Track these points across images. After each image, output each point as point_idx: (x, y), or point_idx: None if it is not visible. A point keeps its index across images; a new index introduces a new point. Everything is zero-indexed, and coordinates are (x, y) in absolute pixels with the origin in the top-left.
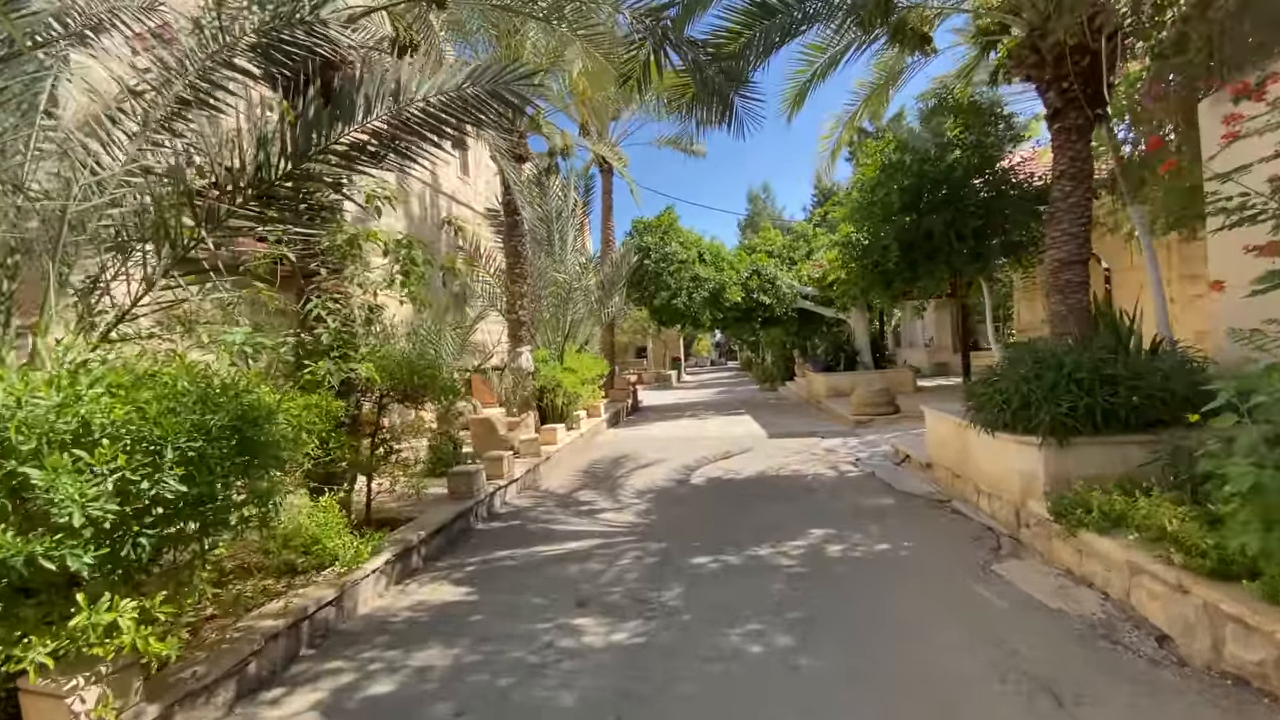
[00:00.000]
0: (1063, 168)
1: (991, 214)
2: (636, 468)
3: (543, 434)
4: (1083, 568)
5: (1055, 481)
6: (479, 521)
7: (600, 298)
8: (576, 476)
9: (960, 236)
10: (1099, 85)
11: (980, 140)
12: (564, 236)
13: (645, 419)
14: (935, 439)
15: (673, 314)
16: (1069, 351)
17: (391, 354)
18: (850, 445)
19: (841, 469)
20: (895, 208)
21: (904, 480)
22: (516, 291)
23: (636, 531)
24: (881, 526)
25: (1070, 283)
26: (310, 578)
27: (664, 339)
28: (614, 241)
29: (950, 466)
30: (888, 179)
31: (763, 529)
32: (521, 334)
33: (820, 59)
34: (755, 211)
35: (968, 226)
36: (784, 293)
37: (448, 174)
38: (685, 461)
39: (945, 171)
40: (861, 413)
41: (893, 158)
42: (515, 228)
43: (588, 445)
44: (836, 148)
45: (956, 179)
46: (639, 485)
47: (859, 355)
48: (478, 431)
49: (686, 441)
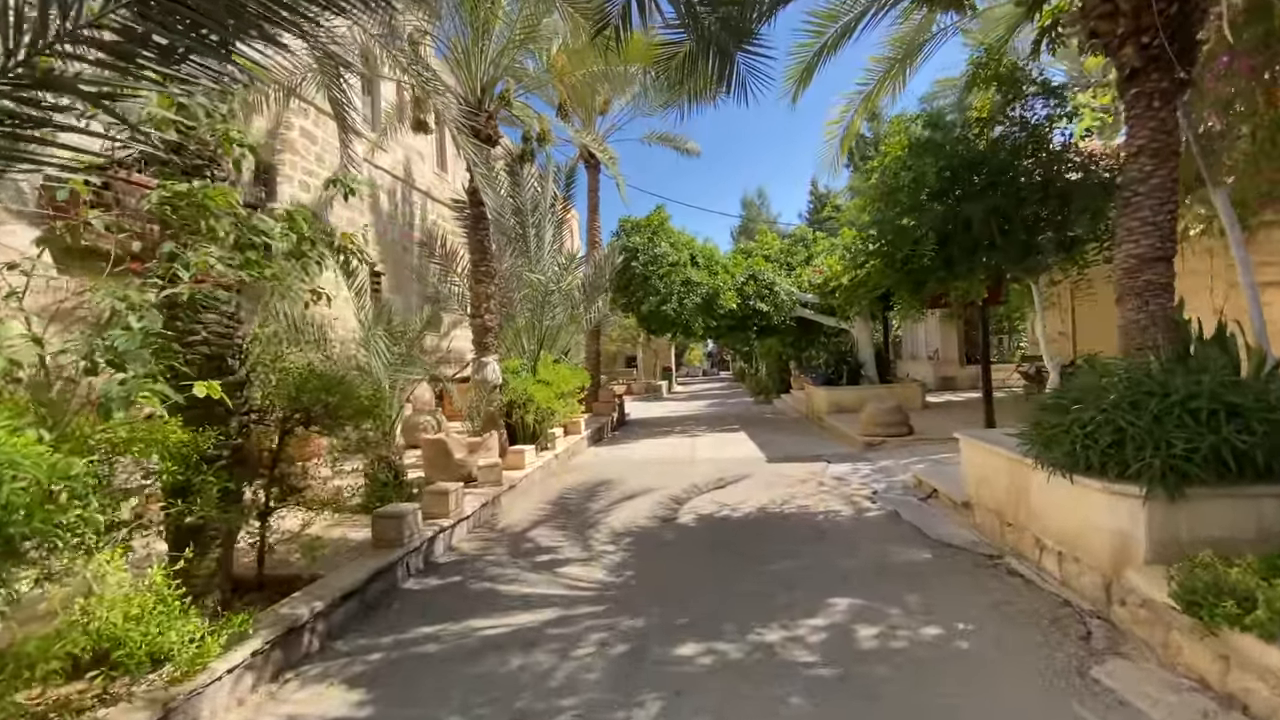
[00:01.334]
0: (1141, 142)
1: (1046, 201)
2: (616, 500)
3: (509, 456)
4: (1231, 682)
5: (1161, 546)
6: (410, 577)
7: (581, 302)
8: (543, 510)
9: (1005, 228)
10: (1189, 39)
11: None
12: (541, 234)
13: (631, 435)
14: (976, 474)
15: (662, 321)
16: (1170, 372)
17: (293, 366)
18: (862, 473)
19: (858, 505)
20: (932, 187)
21: (936, 523)
22: (482, 292)
23: (607, 597)
24: (923, 595)
25: (1152, 285)
26: (133, 683)
27: (654, 348)
28: (600, 243)
29: (998, 510)
30: (917, 157)
31: (769, 595)
32: (487, 341)
33: (831, 28)
34: (750, 217)
35: (1017, 215)
36: (782, 300)
37: (423, 169)
38: (672, 491)
39: (986, 151)
40: (871, 433)
41: (922, 135)
42: (481, 219)
43: (563, 468)
44: (847, 135)
45: (1000, 160)
46: (616, 524)
47: (863, 368)
48: (430, 455)
49: (675, 465)
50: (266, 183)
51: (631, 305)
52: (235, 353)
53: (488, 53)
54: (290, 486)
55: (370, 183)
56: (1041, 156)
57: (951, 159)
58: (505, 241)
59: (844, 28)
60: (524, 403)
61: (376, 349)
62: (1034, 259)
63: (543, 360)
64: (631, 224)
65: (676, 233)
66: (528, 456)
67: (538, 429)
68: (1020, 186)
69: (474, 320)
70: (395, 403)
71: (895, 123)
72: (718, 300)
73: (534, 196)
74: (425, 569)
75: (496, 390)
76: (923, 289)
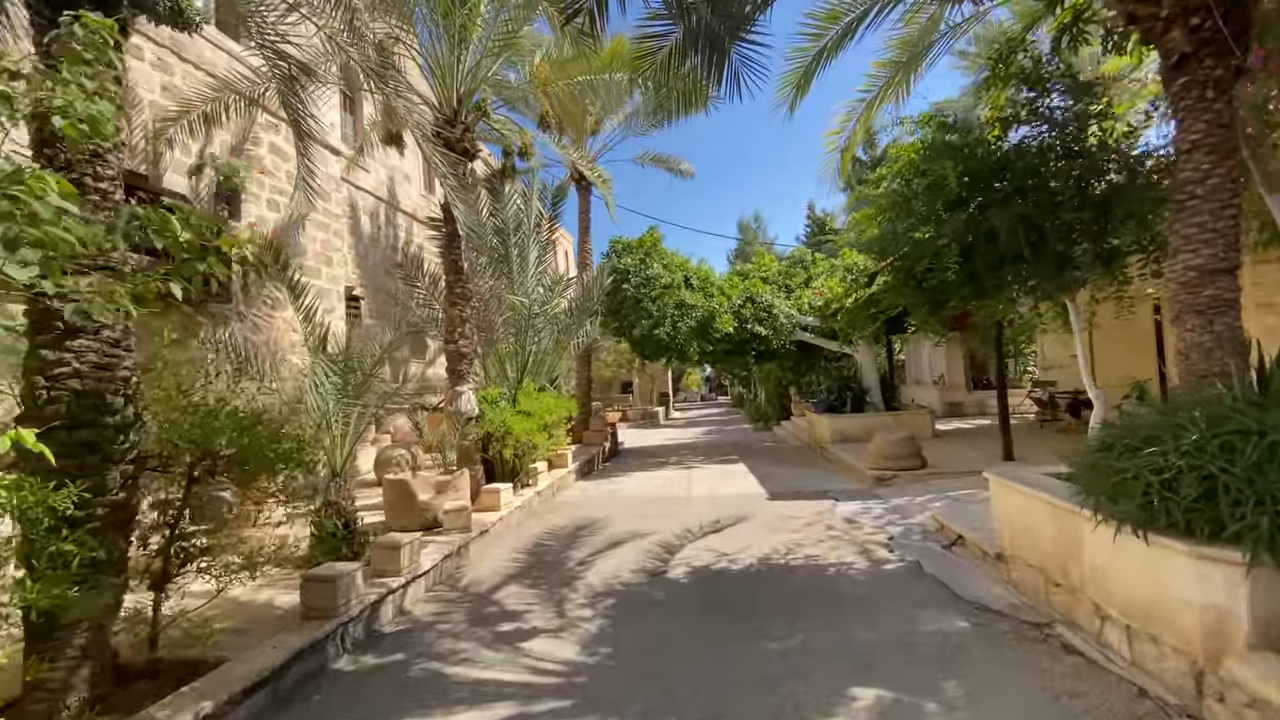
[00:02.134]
0: (1195, 137)
1: (1082, 207)
2: (600, 547)
3: (483, 496)
4: None
5: (1269, 626)
6: (344, 654)
7: (568, 326)
8: (516, 561)
9: (1036, 240)
10: (1244, 20)
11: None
12: (525, 254)
13: (624, 467)
14: (1011, 522)
15: (655, 346)
16: (1262, 406)
17: (202, 404)
18: (875, 514)
19: (873, 554)
20: (952, 193)
21: (966, 579)
22: (456, 316)
23: (576, 686)
24: (964, 681)
25: (1216, 301)
26: None
27: (650, 373)
28: (591, 265)
29: (1041, 567)
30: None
31: (775, 684)
32: (462, 369)
33: (831, 30)
34: (746, 241)
35: (1050, 224)
36: (782, 323)
37: (409, 191)
38: (664, 537)
39: (1010, 154)
40: (881, 467)
41: (937, 137)
42: (455, 237)
43: (545, 508)
44: (849, 145)
45: (1027, 163)
46: (597, 580)
47: (867, 394)
48: (390, 498)
49: (668, 503)
50: (230, 200)
51: (623, 329)
52: (119, 388)
53: (464, 61)
54: (198, 547)
55: (244, 166)
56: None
57: (971, 162)
58: (487, 262)
59: (846, 28)
60: (502, 436)
61: (315, 379)
62: (1070, 274)
63: (526, 389)
64: (623, 244)
65: (670, 254)
66: (504, 496)
67: (517, 464)
68: (1052, 191)
69: (447, 346)
70: (347, 439)
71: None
72: (713, 323)
73: (517, 214)
74: (365, 641)
75: (472, 422)
76: (943, 309)
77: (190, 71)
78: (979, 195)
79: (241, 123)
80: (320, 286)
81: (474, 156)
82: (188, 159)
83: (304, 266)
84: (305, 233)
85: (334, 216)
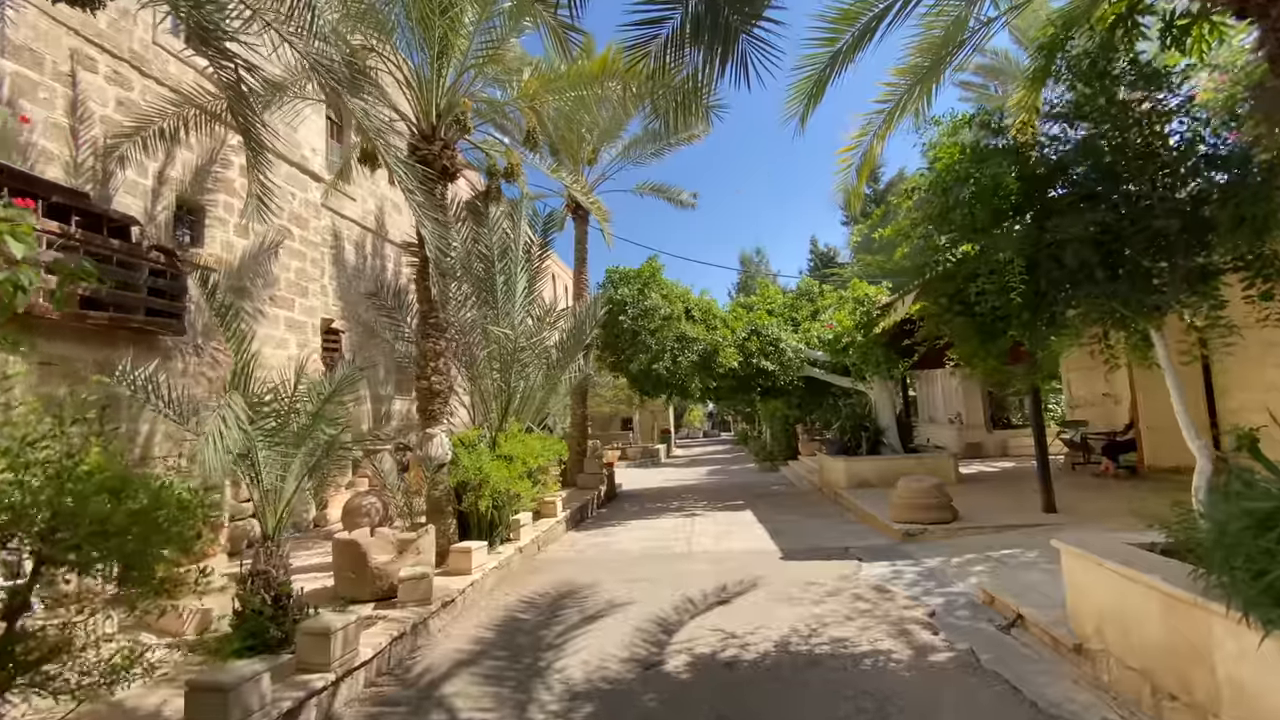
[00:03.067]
0: None
1: (1171, 214)
2: (584, 621)
3: (452, 557)
4: None
5: None
6: None
7: (559, 360)
8: (482, 641)
9: (1114, 253)
10: None
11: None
12: (512, 282)
13: (620, 513)
14: (1098, 606)
15: (654, 382)
16: None
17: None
18: (907, 578)
19: (915, 638)
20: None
21: (1038, 677)
22: (430, 349)
23: None
24: None
25: None
26: None
27: (651, 409)
28: (588, 297)
29: (1147, 670)
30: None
31: None
32: (434, 408)
33: (846, 32)
34: (748, 275)
35: (1133, 235)
36: (789, 358)
37: (399, 222)
38: (660, 608)
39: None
40: (909, 520)
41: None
42: (429, 262)
43: (527, 567)
44: (865, 161)
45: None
46: (577, 672)
47: (883, 434)
48: (340, 563)
49: (667, 561)
50: (192, 225)
51: (620, 364)
52: None
53: (445, 73)
54: (39, 655)
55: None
56: (1153, 157)
57: (1025, 166)
58: (470, 290)
59: (865, 28)
60: (478, 484)
61: (219, 427)
62: (1158, 295)
63: (509, 429)
64: (620, 274)
65: (670, 284)
66: (476, 557)
67: (496, 516)
68: (1131, 196)
69: (419, 383)
70: (284, 494)
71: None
72: (716, 358)
73: (504, 240)
74: None
75: (444, 469)
76: (997, 339)
77: (152, 87)
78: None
79: (210, 143)
80: (292, 318)
81: (454, 175)
82: (144, 180)
83: (275, 297)
84: (278, 260)
85: (312, 245)
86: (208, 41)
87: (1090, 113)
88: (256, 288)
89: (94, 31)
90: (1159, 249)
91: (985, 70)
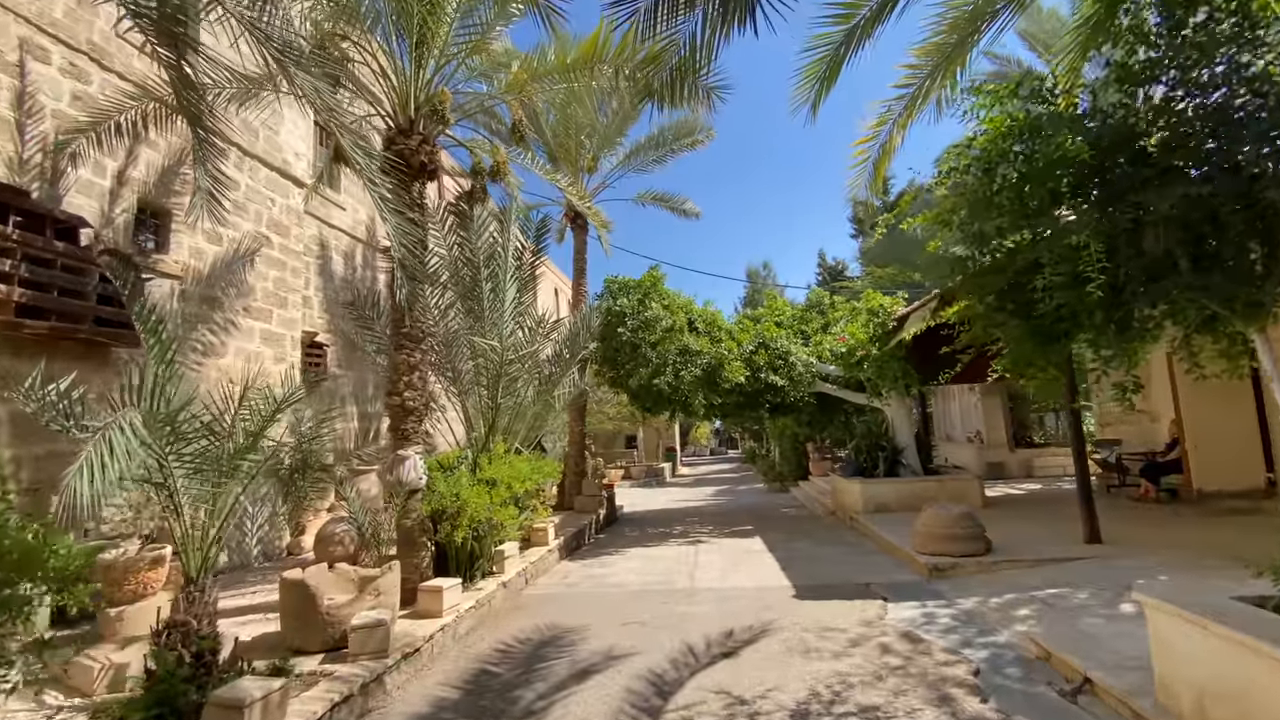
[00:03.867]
0: None
1: None
2: (568, 678)
3: (421, 598)
4: None
5: None
6: None
7: (551, 375)
8: (441, 706)
9: (1209, 237)
10: None
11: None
12: (500, 290)
13: (619, 539)
14: (1199, 677)
15: (655, 398)
16: None
17: None
18: (941, 624)
19: (960, 708)
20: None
21: None
22: (403, 362)
23: None
24: None
25: None
26: None
27: (656, 426)
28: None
29: None
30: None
31: None
32: (407, 427)
33: (862, 9)
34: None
35: (1231, 218)
36: (800, 372)
37: None
38: (656, 660)
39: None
40: (936, 551)
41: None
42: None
43: (509, 605)
44: (883, 155)
45: (1191, 133)
46: None
47: (901, 455)
48: (288, 604)
49: (667, 599)
50: (156, 230)
51: (619, 379)
52: None
53: (425, 62)
54: None
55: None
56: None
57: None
58: (453, 298)
59: (881, 4)
60: (454, 513)
61: (99, 452)
62: (1263, 289)
63: (494, 450)
64: (619, 284)
65: (672, 294)
66: (449, 597)
67: (476, 549)
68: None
69: (390, 399)
70: (213, 530)
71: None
72: (721, 372)
73: (491, 244)
74: None
75: (416, 496)
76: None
77: (113, 81)
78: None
79: (178, 143)
80: (269, 330)
81: (433, 173)
82: (101, 180)
83: (249, 308)
84: (254, 269)
85: (293, 254)
86: (142, 13)
87: (1165, 76)
88: (229, 297)
89: (48, 20)
90: (1264, 232)
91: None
